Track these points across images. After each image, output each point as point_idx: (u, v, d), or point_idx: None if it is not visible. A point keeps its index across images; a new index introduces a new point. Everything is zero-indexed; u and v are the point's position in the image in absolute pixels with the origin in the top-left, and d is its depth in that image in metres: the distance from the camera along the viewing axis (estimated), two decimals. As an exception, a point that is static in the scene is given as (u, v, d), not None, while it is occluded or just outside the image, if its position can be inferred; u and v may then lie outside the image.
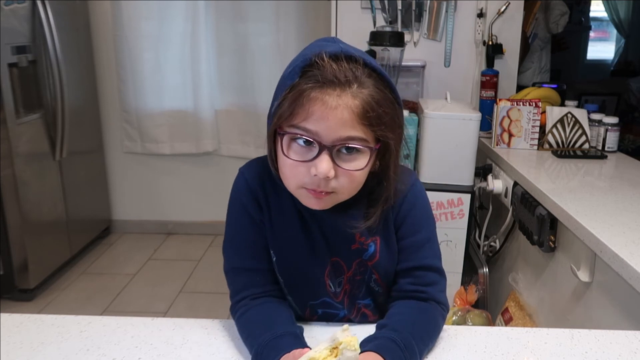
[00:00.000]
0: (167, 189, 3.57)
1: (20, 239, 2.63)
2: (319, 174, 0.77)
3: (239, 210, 0.91)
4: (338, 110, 0.76)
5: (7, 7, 2.49)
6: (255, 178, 0.91)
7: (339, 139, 0.77)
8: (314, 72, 0.77)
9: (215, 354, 0.83)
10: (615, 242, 1.19)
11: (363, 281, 0.92)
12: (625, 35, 5.82)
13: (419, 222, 0.92)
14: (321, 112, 0.76)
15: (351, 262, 0.91)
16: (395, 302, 0.91)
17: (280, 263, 0.91)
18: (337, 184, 0.80)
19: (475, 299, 1.95)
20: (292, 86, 0.78)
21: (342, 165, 0.79)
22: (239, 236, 0.92)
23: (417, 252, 0.91)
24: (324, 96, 0.76)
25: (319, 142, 0.77)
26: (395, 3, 2.37)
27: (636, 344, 0.87)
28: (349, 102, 0.76)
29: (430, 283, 0.91)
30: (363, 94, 0.77)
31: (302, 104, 0.76)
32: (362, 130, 0.78)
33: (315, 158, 0.78)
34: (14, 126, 2.55)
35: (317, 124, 0.76)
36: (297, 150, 0.79)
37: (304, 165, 0.79)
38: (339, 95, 0.76)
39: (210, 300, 2.72)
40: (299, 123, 0.77)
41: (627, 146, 3.35)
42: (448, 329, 0.90)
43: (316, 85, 0.76)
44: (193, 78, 3.34)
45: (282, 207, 0.90)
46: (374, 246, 0.90)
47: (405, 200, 0.91)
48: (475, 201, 2.19)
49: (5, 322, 0.89)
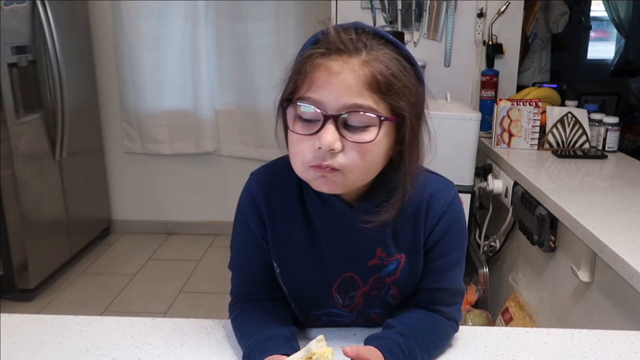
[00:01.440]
0: (167, 189, 3.57)
1: (20, 239, 2.63)
2: (323, 146, 0.71)
3: (242, 222, 0.87)
4: (342, 75, 0.70)
5: (7, 7, 2.49)
6: (262, 189, 0.85)
7: (344, 106, 0.71)
8: (320, 44, 0.73)
9: (215, 354, 0.83)
10: (616, 242, 1.19)
11: (379, 296, 0.87)
12: (626, 35, 5.82)
13: (453, 244, 0.85)
14: (324, 79, 0.71)
15: (368, 278, 0.85)
16: (408, 307, 0.88)
17: (284, 275, 0.87)
18: (345, 160, 0.72)
19: (475, 299, 1.95)
20: (297, 59, 0.75)
21: (349, 137, 0.72)
22: (241, 247, 0.89)
23: (446, 274, 0.85)
24: (327, 62, 0.71)
25: (323, 111, 0.71)
26: (395, 3, 2.37)
27: (636, 344, 0.87)
28: (354, 67, 0.70)
29: (450, 303, 0.87)
30: (371, 58, 0.71)
31: (306, 72, 0.72)
32: (370, 97, 0.71)
33: (320, 130, 0.71)
34: (13, 126, 2.55)
35: (320, 92, 0.71)
36: (302, 125, 0.73)
37: (309, 140, 0.73)
38: (344, 61, 0.71)
39: (210, 300, 2.72)
40: (302, 94, 0.72)
41: (627, 146, 3.35)
42: (448, 329, 0.90)
43: (320, 53, 0.72)
44: (193, 78, 3.34)
45: (289, 219, 0.84)
46: (396, 264, 0.84)
47: (442, 219, 0.82)
48: (476, 201, 2.19)
49: (5, 322, 0.89)
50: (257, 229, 0.86)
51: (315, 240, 0.84)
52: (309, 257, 0.85)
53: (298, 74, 0.73)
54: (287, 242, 0.85)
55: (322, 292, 0.87)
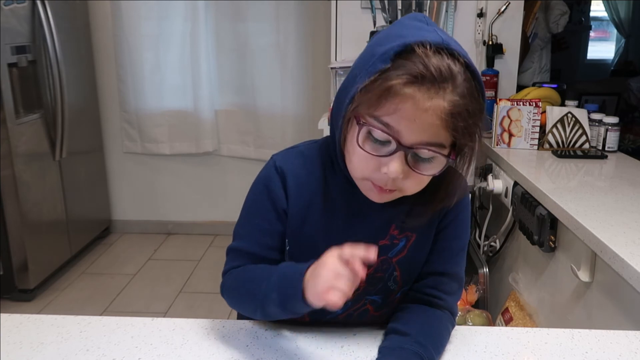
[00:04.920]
0: (167, 189, 3.57)
1: (20, 239, 2.63)
2: (390, 174, 0.72)
3: (263, 194, 0.86)
4: (428, 114, 0.68)
5: (7, 7, 2.49)
6: (287, 162, 0.86)
7: (419, 142, 0.71)
8: (409, 62, 0.69)
9: (215, 354, 0.83)
10: (616, 242, 1.19)
11: (382, 279, 0.88)
12: (626, 35, 5.82)
13: (462, 229, 0.89)
14: (410, 112, 0.69)
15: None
16: (407, 305, 0.88)
17: (293, 254, 0.87)
18: (403, 185, 0.75)
19: (475, 299, 1.95)
20: (381, 71, 0.70)
21: (414, 168, 0.73)
22: (255, 220, 0.87)
23: (452, 258, 0.89)
24: (416, 94, 0.68)
25: (398, 141, 0.70)
26: (395, 3, 2.37)
27: (636, 344, 0.87)
28: (440, 106, 0.68)
29: (450, 292, 0.88)
30: (458, 95, 0.69)
31: (391, 98, 0.69)
32: (444, 136, 0.71)
33: (389, 156, 0.72)
34: (13, 126, 2.55)
35: (401, 123, 0.70)
36: (372, 143, 0.73)
37: (375, 160, 0.73)
38: (431, 97, 0.68)
39: (210, 300, 2.72)
40: (381, 116, 0.70)
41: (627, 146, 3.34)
42: (448, 329, 0.90)
43: (410, 79, 0.68)
44: (193, 78, 3.34)
45: (309, 194, 0.85)
46: (404, 241, 0.86)
47: (456, 204, 0.86)
48: (476, 201, 2.20)
49: (5, 322, 0.89)
50: (280, 200, 0.85)
51: (331, 219, 0.85)
52: (322, 235, 0.85)
53: (382, 94, 0.70)
54: (304, 218, 0.85)
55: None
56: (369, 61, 0.72)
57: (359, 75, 0.73)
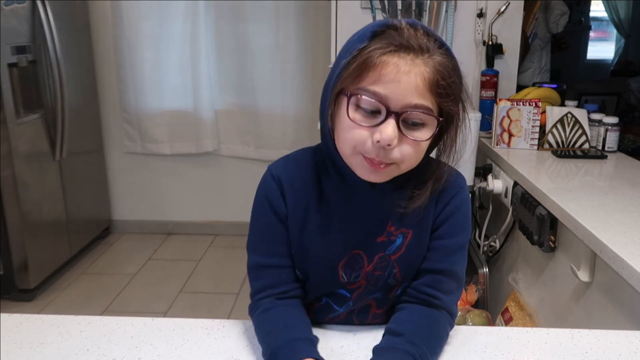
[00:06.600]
0: (167, 189, 3.57)
1: (20, 239, 2.63)
2: (383, 140, 0.74)
3: (265, 206, 0.88)
4: (411, 75, 0.73)
5: (7, 7, 2.49)
6: (281, 170, 0.89)
7: (408, 105, 0.74)
8: (387, 36, 0.75)
9: (215, 354, 0.83)
10: (615, 242, 1.19)
11: (382, 277, 0.88)
12: (625, 35, 5.82)
13: (460, 226, 0.89)
14: (393, 75, 0.73)
15: (373, 256, 0.87)
16: (405, 305, 0.88)
17: (295, 256, 0.88)
18: (399, 154, 0.76)
19: (475, 299, 1.95)
20: (361, 49, 0.75)
21: (407, 133, 0.76)
22: (264, 233, 0.89)
23: (449, 255, 0.88)
24: (397, 59, 0.73)
25: (387, 106, 0.74)
26: (395, 3, 2.37)
27: (636, 344, 0.87)
28: (421, 68, 0.74)
29: (448, 291, 0.87)
30: (435, 62, 0.75)
31: (374, 66, 0.73)
32: (430, 99, 0.75)
33: (381, 123, 0.74)
34: (14, 126, 2.55)
35: (387, 87, 0.73)
36: (362, 115, 0.76)
37: (367, 130, 0.75)
38: (412, 60, 0.74)
39: (210, 300, 2.72)
40: (367, 85, 0.74)
41: (627, 146, 3.34)
42: (448, 329, 0.90)
43: (390, 48, 0.74)
44: (193, 78, 3.34)
45: (306, 197, 0.87)
46: (402, 238, 0.87)
47: (452, 200, 0.87)
48: (476, 201, 2.20)
49: (5, 322, 0.89)
50: (280, 207, 0.87)
51: (329, 217, 0.87)
52: (321, 235, 0.87)
53: (365, 65, 0.74)
54: (303, 221, 0.87)
55: (329, 269, 0.88)
56: (346, 47, 0.78)
57: (338, 61, 0.78)
